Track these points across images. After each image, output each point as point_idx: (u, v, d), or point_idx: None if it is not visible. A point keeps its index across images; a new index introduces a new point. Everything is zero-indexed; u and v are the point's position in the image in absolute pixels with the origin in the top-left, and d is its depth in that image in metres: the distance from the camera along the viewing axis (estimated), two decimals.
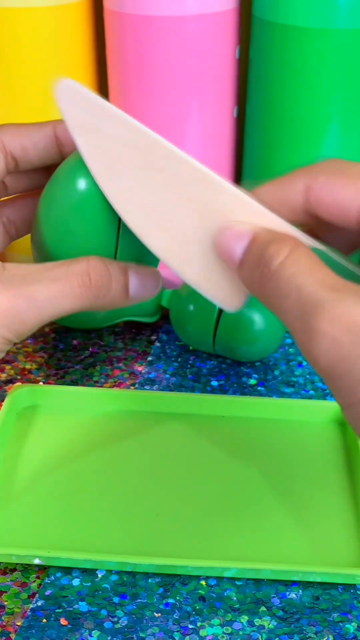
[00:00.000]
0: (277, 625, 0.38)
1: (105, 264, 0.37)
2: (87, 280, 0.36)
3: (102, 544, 0.41)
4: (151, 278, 0.39)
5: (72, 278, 0.36)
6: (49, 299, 0.35)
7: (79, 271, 0.36)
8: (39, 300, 0.35)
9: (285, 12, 0.50)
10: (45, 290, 0.35)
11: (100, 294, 0.37)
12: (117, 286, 0.37)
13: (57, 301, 0.36)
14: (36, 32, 0.54)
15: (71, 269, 0.36)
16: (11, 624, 0.38)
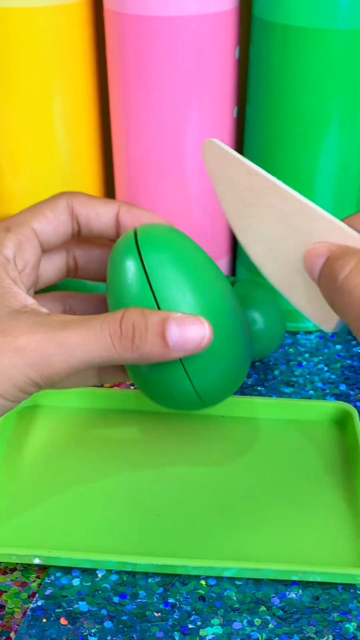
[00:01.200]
0: (277, 625, 0.38)
1: (142, 314, 0.36)
2: (118, 330, 0.36)
3: (102, 544, 0.41)
4: (195, 327, 0.37)
5: (105, 327, 0.36)
6: (79, 345, 0.35)
7: (113, 320, 0.36)
8: (68, 346, 0.35)
9: (286, 12, 0.50)
10: (76, 337, 0.35)
11: (134, 345, 0.36)
12: (153, 337, 0.36)
13: (87, 348, 0.35)
14: (36, 32, 0.54)
15: (107, 318, 0.36)
16: (11, 623, 0.38)
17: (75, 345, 0.35)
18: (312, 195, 0.55)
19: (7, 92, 0.56)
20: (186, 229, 0.59)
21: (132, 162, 0.58)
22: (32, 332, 0.35)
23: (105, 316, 0.36)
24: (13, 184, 0.59)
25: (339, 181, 0.55)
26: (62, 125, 0.57)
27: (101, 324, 0.36)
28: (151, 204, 0.58)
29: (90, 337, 0.35)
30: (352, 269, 0.31)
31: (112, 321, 0.36)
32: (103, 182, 0.63)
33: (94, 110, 0.59)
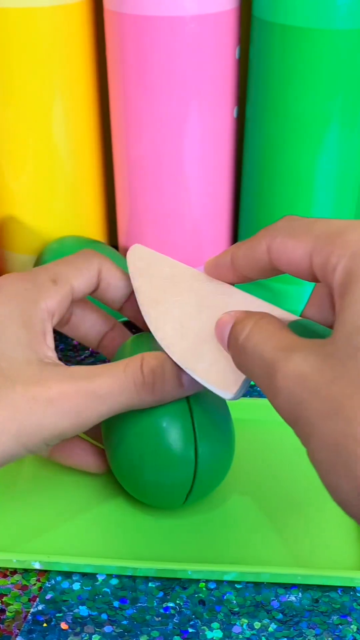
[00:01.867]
0: (277, 629, 0.38)
1: (159, 360, 0.38)
2: (140, 377, 0.37)
3: (102, 548, 0.41)
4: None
5: (129, 374, 0.37)
6: (109, 394, 0.37)
7: (135, 367, 0.37)
8: (98, 395, 0.37)
9: (285, 12, 0.50)
10: (105, 386, 0.37)
11: (155, 389, 0.38)
12: (171, 380, 0.38)
13: (115, 397, 0.37)
14: (36, 32, 0.53)
15: (129, 366, 0.37)
16: (12, 627, 0.38)
17: (105, 395, 0.37)
18: (312, 195, 0.55)
19: (7, 92, 0.55)
20: (186, 229, 0.59)
21: (132, 162, 0.57)
22: (62, 383, 0.36)
23: (125, 364, 0.38)
24: (13, 184, 0.59)
25: (338, 181, 0.55)
26: (62, 125, 0.57)
27: (125, 373, 0.37)
28: (151, 204, 0.58)
29: (116, 385, 0.37)
30: (251, 328, 0.32)
31: (134, 368, 0.37)
32: (103, 182, 0.63)
33: (94, 110, 0.59)
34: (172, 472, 0.40)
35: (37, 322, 0.39)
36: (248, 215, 0.59)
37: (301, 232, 0.32)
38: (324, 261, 0.30)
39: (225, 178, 0.59)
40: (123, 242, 0.63)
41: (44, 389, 0.36)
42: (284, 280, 0.58)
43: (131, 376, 0.37)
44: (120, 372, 0.37)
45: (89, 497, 0.44)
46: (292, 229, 0.33)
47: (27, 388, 0.36)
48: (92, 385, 0.36)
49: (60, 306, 0.41)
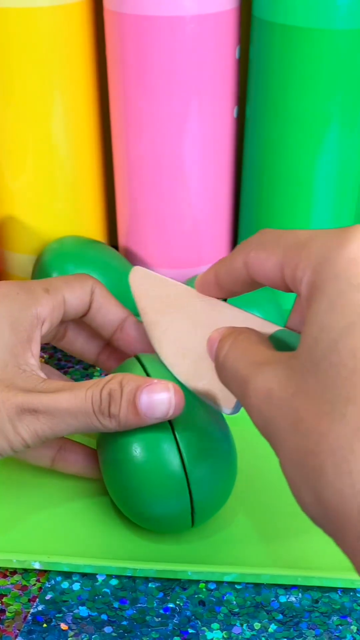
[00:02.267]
0: (277, 629, 0.38)
1: (121, 382, 0.37)
2: (98, 398, 0.37)
3: (103, 549, 0.41)
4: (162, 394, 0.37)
5: (89, 393, 0.37)
6: (67, 410, 0.37)
7: (96, 387, 0.37)
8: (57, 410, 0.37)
9: (285, 12, 0.50)
10: (65, 403, 0.37)
11: (111, 413, 0.37)
12: (126, 405, 0.37)
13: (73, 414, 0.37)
14: (36, 32, 0.53)
15: (92, 386, 0.37)
16: (12, 628, 0.38)
17: (62, 410, 0.37)
18: (312, 195, 0.55)
19: (7, 92, 0.55)
20: (186, 228, 0.59)
21: (132, 162, 0.57)
22: (28, 394, 0.37)
23: (92, 383, 0.38)
24: (13, 184, 0.59)
25: (338, 180, 0.55)
26: (62, 125, 0.57)
27: (86, 391, 0.37)
28: (151, 204, 0.58)
29: (74, 403, 0.37)
30: (229, 346, 0.32)
31: (95, 388, 0.37)
32: (103, 182, 0.63)
33: (94, 110, 0.59)
34: (168, 501, 0.39)
35: (25, 327, 0.39)
36: (248, 215, 0.59)
37: (271, 245, 0.32)
38: (292, 274, 0.30)
39: (225, 178, 0.59)
40: (123, 242, 0.63)
41: (12, 395, 0.36)
42: None
43: (90, 396, 0.37)
44: (82, 391, 0.37)
45: (88, 498, 0.44)
46: (263, 242, 0.33)
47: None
48: (53, 401, 0.37)
49: (52, 315, 0.41)
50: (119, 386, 0.37)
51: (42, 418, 0.37)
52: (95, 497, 0.44)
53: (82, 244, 0.59)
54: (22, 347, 0.39)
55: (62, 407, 0.37)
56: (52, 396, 0.37)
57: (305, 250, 0.29)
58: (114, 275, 0.57)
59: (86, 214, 0.62)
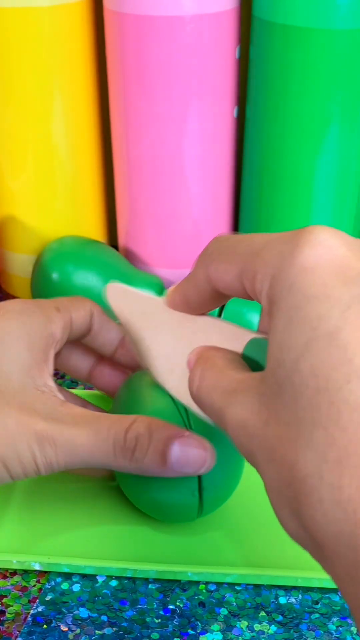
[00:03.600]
0: (277, 630, 0.38)
1: (149, 429, 0.36)
2: (122, 440, 0.36)
3: (103, 550, 0.41)
4: (197, 452, 0.36)
5: (112, 434, 0.36)
6: (84, 446, 0.36)
7: (120, 428, 0.36)
8: (75, 444, 0.36)
9: (285, 12, 0.50)
10: (83, 438, 0.36)
11: (134, 457, 0.36)
12: (153, 454, 0.36)
13: (90, 452, 0.36)
14: (36, 32, 0.53)
15: (116, 425, 0.36)
16: (12, 629, 0.38)
17: (81, 446, 0.36)
18: (312, 195, 0.55)
19: (7, 92, 0.55)
20: (186, 228, 0.59)
21: (132, 162, 0.57)
22: (48, 422, 0.36)
23: (114, 421, 0.36)
24: (13, 184, 0.59)
25: (338, 180, 0.55)
26: (62, 125, 0.57)
27: (108, 430, 0.36)
28: (151, 204, 0.58)
29: (96, 441, 0.36)
30: (200, 377, 0.30)
31: (119, 429, 0.36)
32: (103, 182, 0.63)
33: (94, 110, 0.59)
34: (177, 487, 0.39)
35: (42, 347, 0.38)
36: (248, 215, 0.59)
37: (228, 255, 0.30)
38: (252, 286, 0.28)
39: (225, 178, 0.59)
40: (123, 242, 0.63)
41: (32, 422, 0.36)
42: None
43: (113, 436, 0.36)
44: (104, 429, 0.36)
45: (88, 499, 0.44)
46: (221, 253, 0.30)
47: (19, 415, 0.35)
48: (73, 436, 0.36)
49: (63, 334, 0.40)
50: (147, 431, 0.36)
51: (59, 451, 0.36)
52: (96, 498, 0.44)
53: (82, 244, 0.59)
54: (39, 368, 0.38)
55: (81, 444, 0.36)
56: (72, 431, 0.36)
57: (260, 259, 0.27)
58: (114, 275, 0.57)
59: (86, 214, 0.62)
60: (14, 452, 0.35)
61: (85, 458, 0.36)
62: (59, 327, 0.40)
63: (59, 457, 0.36)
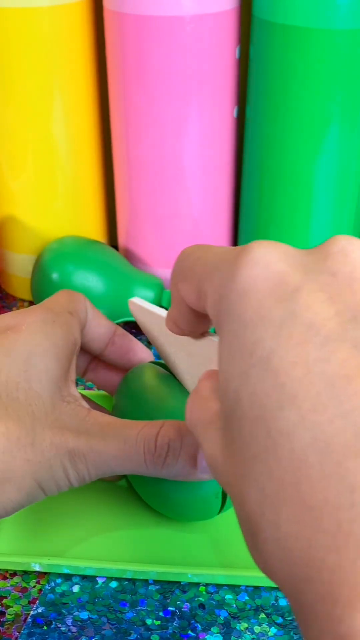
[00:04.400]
0: (277, 632, 0.38)
1: (179, 432, 0.35)
2: (153, 448, 0.35)
3: (103, 551, 0.41)
4: None
5: (141, 442, 0.35)
6: (115, 458, 0.35)
7: (149, 435, 0.35)
8: (106, 455, 0.35)
9: (285, 12, 0.50)
10: (113, 449, 0.35)
11: (166, 464, 0.36)
12: (185, 458, 0.35)
13: (120, 462, 0.35)
14: (36, 32, 0.53)
15: (144, 432, 0.36)
16: (11, 630, 0.38)
17: (111, 457, 0.35)
18: (312, 195, 0.55)
19: (7, 92, 0.55)
20: (186, 228, 0.59)
21: (132, 162, 0.57)
22: (78, 437, 0.35)
23: (142, 427, 0.36)
24: (13, 184, 0.59)
25: (338, 180, 0.55)
26: (62, 125, 0.57)
27: (137, 438, 0.35)
28: (151, 204, 0.58)
29: (125, 450, 0.35)
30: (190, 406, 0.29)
31: (148, 436, 0.35)
32: (103, 182, 0.63)
33: (94, 110, 0.59)
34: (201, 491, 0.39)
35: (67, 355, 0.37)
36: (248, 215, 0.59)
37: (188, 274, 0.29)
38: (205, 309, 0.28)
39: (225, 178, 0.59)
40: (123, 242, 0.63)
41: (64, 440, 0.35)
42: None
43: (142, 443, 0.35)
44: (132, 437, 0.35)
45: (89, 500, 0.44)
46: (183, 271, 0.29)
47: (52, 436, 0.35)
48: (103, 447, 0.35)
49: (80, 338, 0.39)
50: (178, 436, 0.35)
51: (90, 464, 0.35)
52: (96, 499, 0.44)
53: (82, 244, 0.59)
54: (65, 378, 0.37)
55: (111, 454, 0.35)
56: (101, 443, 0.35)
57: (209, 282, 0.26)
58: (114, 275, 0.57)
59: (86, 214, 0.62)
60: (49, 474, 0.35)
61: (116, 468, 0.36)
62: (78, 332, 0.39)
63: (91, 471, 0.35)
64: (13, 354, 0.36)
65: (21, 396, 0.35)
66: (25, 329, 0.37)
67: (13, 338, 0.36)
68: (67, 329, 0.38)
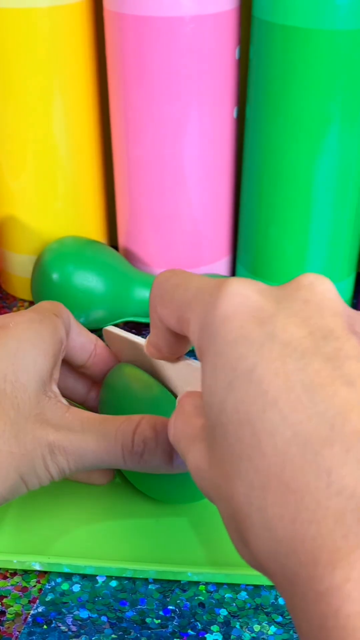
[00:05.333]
0: (277, 631, 0.38)
1: (155, 429, 0.37)
2: (130, 444, 0.37)
3: (103, 550, 0.41)
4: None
5: (119, 437, 0.37)
6: (93, 452, 0.37)
7: (127, 432, 0.37)
8: (85, 450, 0.36)
9: (285, 12, 0.50)
10: (92, 444, 0.36)
11: (142, 459, 0.37)
12: (162, 454, 0.37)
13: (99, 456, 0.37)
14: (36, 32, 0.53)
15: (122, 427, 0.37)
16: (12, 629, 0.38)
17: (90, 451, 0.36)
18: (311, 196, 0.55)
19: (7, 92, 0.55)
20: (186, 228, 0.59)
21: (132, 162, 0.57)
22: (58, 431, 0.36)
23: (120, 423, 0.37)
24: (13, 184, 0.59)
25: (338, 181, 0.55)
26: (62, 125, 0.57)
27: (115, 434, 0.37)
28: (151, 204, 0.58)
29: (104, 445, 0.37)
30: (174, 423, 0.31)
31: (126, 433, 0.37)
32: (103, 182, 0.63)
33: (94, 110, 0.59)
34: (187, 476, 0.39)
35: (54, 353, 0.39)
36: (248, 215, 0.59)
37: (167, 299, 0.31)
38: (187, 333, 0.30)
39: (225, 178, 0.59)
40: (123, 242, 0.63)
41: (45, 433, 0.36)
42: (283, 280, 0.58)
43: (121, 440, 0.37)
44: (111, 433, 0.37)
45: (89, 499, 0.44)
46: (162, 296, 0.32)
47: (34, 429, 0.36)
48: (82, 442, 0.36)
49: (65, 339, 0.41)
50: (153, 433, 0.37)
51: (70, 458, 0.36)
52: (96, 498, 0.44)
53: (82, 244, 0.59)
54: (49, 374, 0.38)
55: (90, 448, 0.36)
56: (81, 437, 0.36)
57: (191, 310, 0.29)
58: (114, 275, 0.57)
59: (86, 214, 0.62)
60: (31, 467, 0.36)
61: (95, 462, 0.37)
62: (64, 332, 0.40)
63: (70, 464, 0.36)
64: (2, 348, 0.37)
65: (8, 388, 0.36)
66: (13, 326, 0.38)
67: (2, 334, 0.38)
68: (53, 328, 0.39)
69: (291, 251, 0.57)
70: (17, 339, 0.37)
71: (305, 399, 0.24)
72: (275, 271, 0.59)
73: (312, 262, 0.57)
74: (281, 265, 0.58)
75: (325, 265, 0.58)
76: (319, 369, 0.24)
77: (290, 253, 0.57)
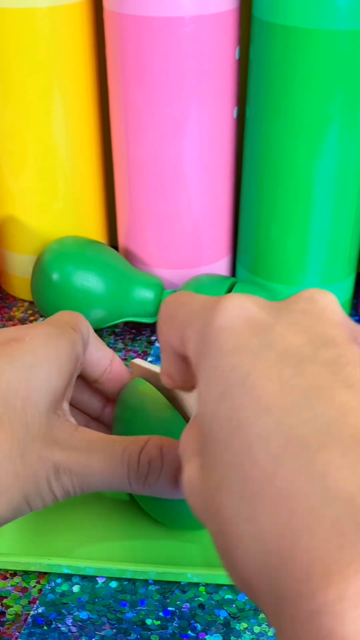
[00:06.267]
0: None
1: (161, 451, 0.36)
2: (135, 465, 0.35)
3: (103, 551, 0.41)
4: None
5: (126, 458, 0.35)
6: (99, 473, 0.35)
7: (133, 453, 0.36)
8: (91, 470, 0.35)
9: (285, 13, 0.50)
10: (98, 465, 0.35)
11: (147, 482, 0.36)
12: (166, 477, 0.36)
13: (105, 477, 0.35)
14: (36, 32, 0.53)
15: (129, 449, 0.36)
16: (12, 630, 0.38)
17: (96, 473, 0.35)
18: (312, 196, 0.55)
19: (7, 92, 0.55)
20: (186, 229, 0.59)
21: (132, 163, 0.57)
22: (63, 451, 0.35)
23: (128, 444, 0.36)
24: (13, 184, 0.59)
25: (338, 181, 0.55)
26: (62, 125, 0.57)
27: (122, 454, 0.36)
28: (151, 204, 0.58)
29: (110, 466, 0.35)
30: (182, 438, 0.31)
31: (132, 453, 0.36)
32: (103, 182, 0.63)
33: (94, 110, 0.59)
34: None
35: (70, 370, 0.37)
36: (248, 215, 0.59)
37: (172, 320, 0.30)
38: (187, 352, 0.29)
39: (225, 178, 0.59)
40: (123, 242, 0.63)
41: (50, 453, 0.35)
42: (283, 280, 0.58)
43: (127, 460, 0.35)
44: (118, 454, 0.35)
45: (89, 500, 0.44)
46: (167, 318, 0.31)
47: (41, 449, 0.35)
48: (88, 461, 0.35)
49: (82, 355, 0.40)
50: (158, 454, 0.36)
51: (75, 478, 0.35)
52: (96, 499, 0.44)
53: (82, 244, 0.59)
54: (62, 392, 0.37)
55: (95, 469, 0.35)
56: (87, 457, 0.35)
57: (190, 330, 0.29)
58: (114, 276, 0.57)
59: (86, 214, 0.62)
60: (35, 488, 0.35)
61: (101, 484, 0.36)
62: (81, 349, 0.39)
63: (75, 485, 0.35)
64: (16, 362, 0.35)
65: (19, 404, 0.35)
66: (29, 340, 0.37)
67: (17, 347, 0.36)
68: (70, 344, 0.38)
69: (291, 251, 0.57)
70: (32, 354, 0.36)
71: (301, 403, 0.23)
72: (275, 271, 0.59)
73: (312, 262, 0.57)
74: (281, 265, 0.58)
75: (325, 266, 0.58)
76: (317, 373, 0.23)
77: (290, 253, 0.57)
